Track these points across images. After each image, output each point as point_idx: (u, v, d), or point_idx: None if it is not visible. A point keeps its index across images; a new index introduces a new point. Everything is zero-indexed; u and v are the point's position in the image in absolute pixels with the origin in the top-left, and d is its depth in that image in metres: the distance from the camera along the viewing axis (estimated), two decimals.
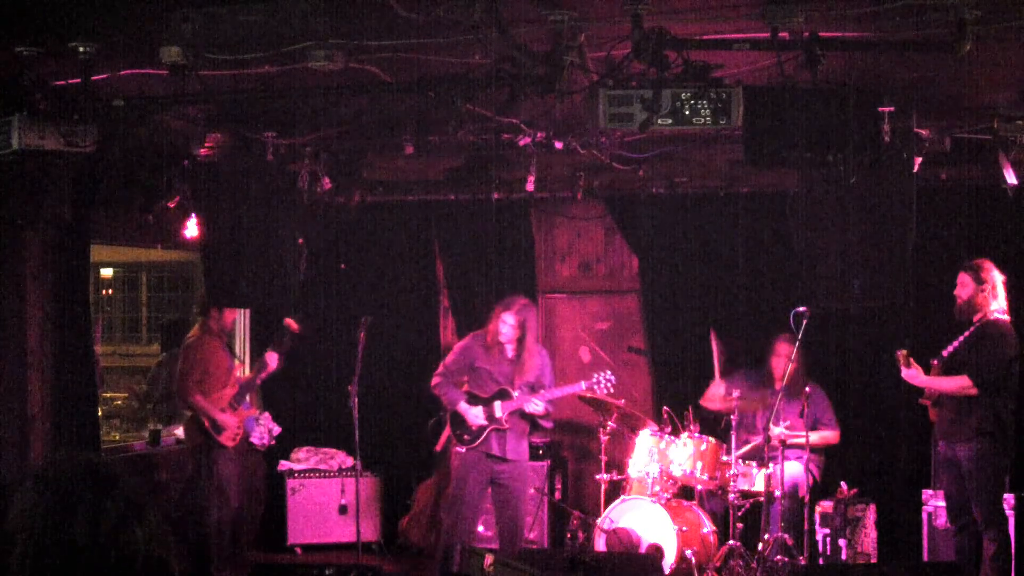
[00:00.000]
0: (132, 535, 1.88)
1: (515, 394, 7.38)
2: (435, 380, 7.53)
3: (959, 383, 6.87)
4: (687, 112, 4.88)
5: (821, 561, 7.66)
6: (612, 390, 7.58)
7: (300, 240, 7.52)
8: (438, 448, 7.84)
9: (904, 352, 6.99)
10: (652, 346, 9.32)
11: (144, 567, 1.88)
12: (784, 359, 7.80)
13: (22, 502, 1.91)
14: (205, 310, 7.88)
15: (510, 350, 7.43)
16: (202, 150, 6.89)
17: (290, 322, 8.00)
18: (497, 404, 7.36)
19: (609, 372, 7.58)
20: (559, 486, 9.03)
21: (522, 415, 7.43)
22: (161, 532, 1.93)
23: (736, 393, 7.74)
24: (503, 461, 7.38)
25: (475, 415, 7.35)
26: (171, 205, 7.49)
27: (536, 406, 7.36)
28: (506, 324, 7.37)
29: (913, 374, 7.00)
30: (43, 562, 1.85)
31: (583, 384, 7.53)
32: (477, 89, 5.46)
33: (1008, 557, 6.86)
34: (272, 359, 7.97)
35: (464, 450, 7.39)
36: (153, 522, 1.92)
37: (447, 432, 7.66)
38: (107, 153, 6.23)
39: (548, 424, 7.74)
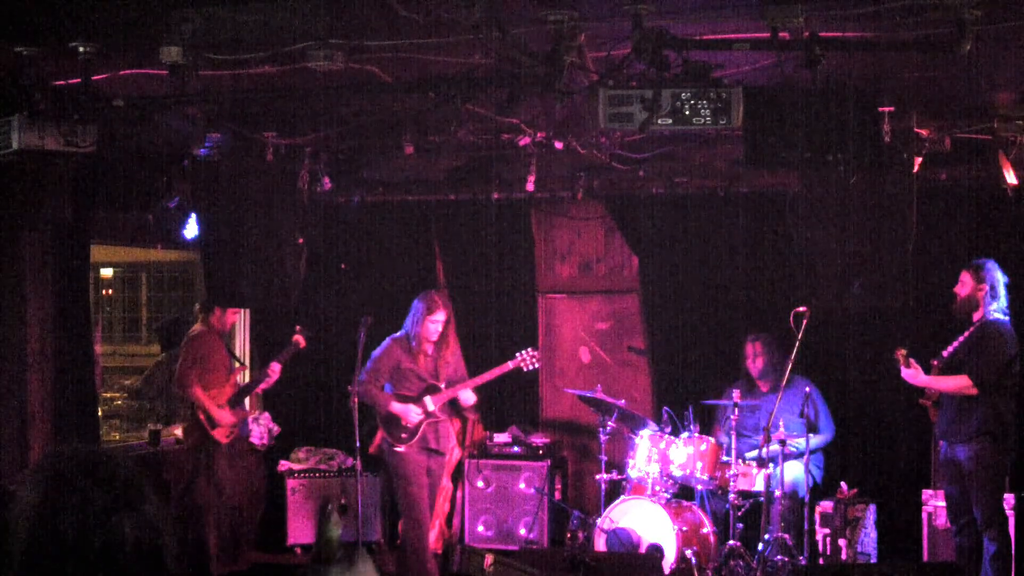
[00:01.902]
0: (120, 524, 1.86)
1: (442, 386, 7.59)
2: (362, 388, 7.53)
3: (959, 383, 6.86)
4: (687, 112, 4.88)
5: (821, 561, 7.66)
6: (538, 365, 7.93)
7: (300, 240, 7.53)
8: (372, 451, 7.87)
9: (904, 352, 6.98)
10: (652, 346, 9.31)
11: (134, 557, 1.86)
12: (751, 358, 8.09)
13: (20, 497, 1.90)
14: (208, 308, 7.87)
15: (430, 347, 7.58)
16: (202, 150, 6.89)
17: (299, 339, 7.99)
18: (428, 399, 7.56)
19: (532, 348, 7.91)
20: (559, 486, 9.02)
21: (450, 406, 7.73)
22: (155, 522, 1.91)
23: (736, 393, 7.74)
24: (437, 454, 7.66)
25: (415, 413, 7.51)
26: (171, 205, 7.50)
27: (469, 395, 7.67)
28: (436, 323, 7.52)
29: (913, 374, 6.99)
30: (34, 555, 1.85)
31: (510, 364, 7.79)
32: (477, 89, 5.47)
33: (1008, 557, 6.85)
34: (275, 370, 7.97)
35: (404, 449, 7.52)
36: (148, 511, 1.90)
37: (380, 435, 7.70)
38: (107, 153, 6.23)
39: (473, 415, 7.93)
